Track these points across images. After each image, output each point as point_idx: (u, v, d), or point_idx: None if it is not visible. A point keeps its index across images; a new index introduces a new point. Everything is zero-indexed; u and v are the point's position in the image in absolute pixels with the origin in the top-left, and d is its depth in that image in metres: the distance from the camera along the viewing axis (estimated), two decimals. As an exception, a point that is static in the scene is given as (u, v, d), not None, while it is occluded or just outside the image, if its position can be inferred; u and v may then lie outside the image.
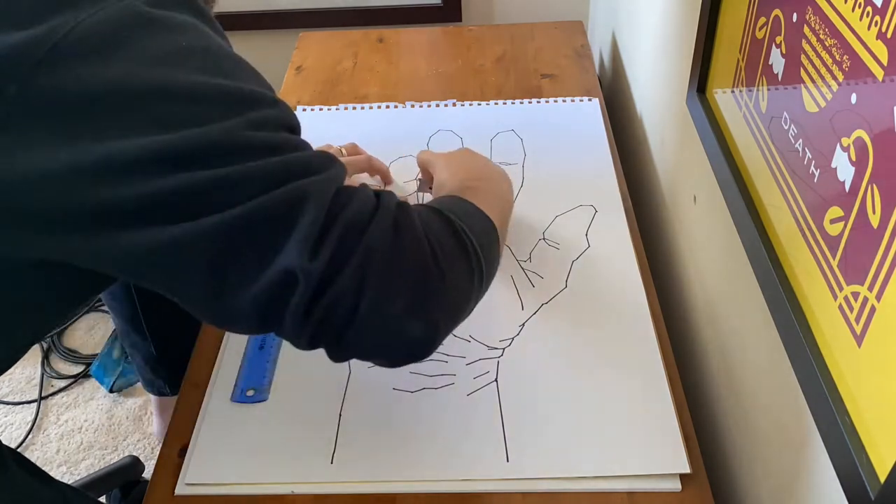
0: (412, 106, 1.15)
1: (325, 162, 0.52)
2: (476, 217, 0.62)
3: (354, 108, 1.14)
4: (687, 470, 0.65)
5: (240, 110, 0.49)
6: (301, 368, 0.76)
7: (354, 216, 0.49)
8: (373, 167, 0.96)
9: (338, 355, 0.53)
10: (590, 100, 1.13)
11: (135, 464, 1.22)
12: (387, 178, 0.98)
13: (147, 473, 1.24)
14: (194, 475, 0.67)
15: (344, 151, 0.97)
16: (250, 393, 0.74)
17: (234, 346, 0.79)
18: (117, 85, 0.46)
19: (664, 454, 0.66)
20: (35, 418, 1.40)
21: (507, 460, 0.67)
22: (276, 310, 0.49)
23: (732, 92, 0.66)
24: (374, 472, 0.67)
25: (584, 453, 0.67)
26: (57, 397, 1.44)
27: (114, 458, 1.33)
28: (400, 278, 0.50)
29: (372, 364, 0.58)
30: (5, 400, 1.44)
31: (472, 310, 0.59)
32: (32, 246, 0.49)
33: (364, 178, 0.96)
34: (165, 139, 0.46)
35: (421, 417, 0.71)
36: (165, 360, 1.18)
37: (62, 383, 1.47)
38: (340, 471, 0.67)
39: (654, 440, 0.67)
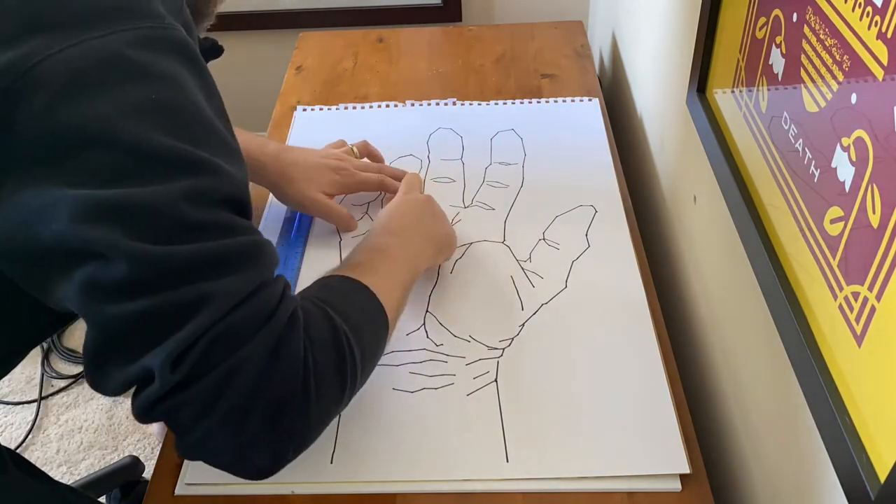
0: (412, 104, 1.15)
1: (244, 256, 0.49)
2: (370, 317, 0.62)
3: (354, 108, 1.14)
4: (687, 470, 0.65)
5: (187, 177, 0.47)
6: None
7: (236, 329, 0.47)
8: (386, 186, 0.93)
9: (183, 452, 0.51)
10: (590, 100, 1.13)
11: (135, 464, 1.23)
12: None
13: (147, 473, 1.24)
14: (194, 475, 0.67)
15: (356, 150, 0.97)
16: None
17: None
18: (73, 128, 0.44)
19: (664, 454, 0.66)
20: (35, 418, 1.40)
21: (507, 461, 0.67)
22: (134, 392, 0.49)
23: (732, 92, 0.66)
24: (374, 473, 0.67)
25: (585, 453, 0.67)
26: (57, 397, 1.44)
27: (114, 458, 1.33)
28: (260, 404, 0.48)
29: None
30: (5, 400, 1.44)
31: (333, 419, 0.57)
32: None
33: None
34: (105, 193, 0.45)
35: (421, 418, 0.71)
36: None
37: (62, 383, 1.47)
38: (340, 471, 0.67)
39: (655, 440, 0.67)
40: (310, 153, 0.92)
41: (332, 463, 0.67)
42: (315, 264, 0.87)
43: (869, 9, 0.41)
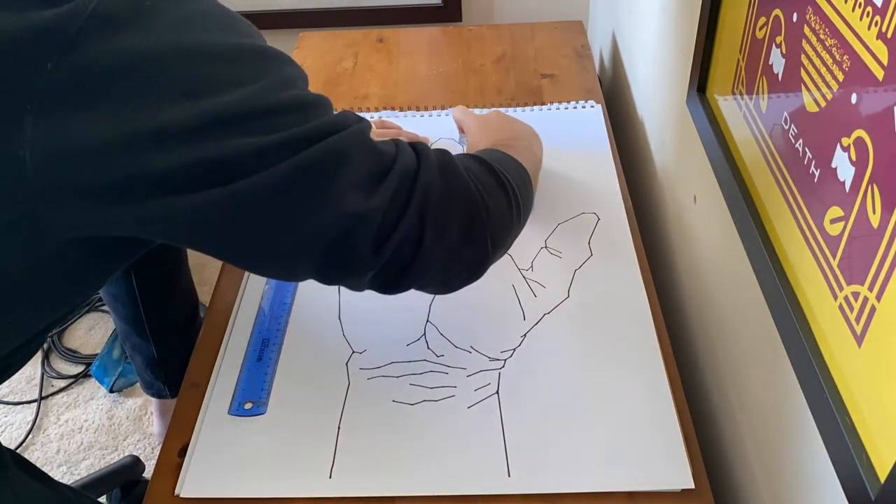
0: (414, 109, 1.15)
1: (352, 117, 0.56)
2: (510, 163, 0.69)
3: (355, 112, 1.14)
4: (690, 485, 0.64)
5: (269, 67, 0.51)
6: (299, 381, 0.75)
7: (404, 163, 0.56)
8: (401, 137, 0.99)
9: (396, 288, 0.59)
10: (592, 106, 1.12)
11: (135, 464, 1.22)
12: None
13: (147, 473, 1.24)
14: (190, 489, 0.67)
15: (373, 126, 0.99)
16: (248, 406, 0.73)
17: (232, 357, 0.78)
18: (153, 52, 0.46)
19: (667, 469, 0.65)
20: (35, 418, 1.40)
21: (509, 475, 0.66)
22: (341, 254, 0.54)
23: (733, 92, 0.66)
24: (373, 487, 0.66)
25: (587, 467, 0.66)
26: (57, 397, 1.44)
27: (114, 458, 1.33)
28: (453, 212, 0.58)
29: (375, 376, 0.65)
30: (5, 400, 1.44)
31: (514, 241, 0.68)
32: (80, 218, 0.49)
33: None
34: (209, 104, 0.47)
35: (421, 430, 0.70)
36: (166, 363, 1.18)
37: (62, 383, 1.47)
38: (339, 485, 0.66)
39: (658, 454, 0.67)
40: None
41: (330, 477, 0.67)
42: (311, 290, 0.86)
43: (869, 9, 0.41)
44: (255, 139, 0.48)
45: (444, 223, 0.57)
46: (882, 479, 0.41)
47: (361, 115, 1.12)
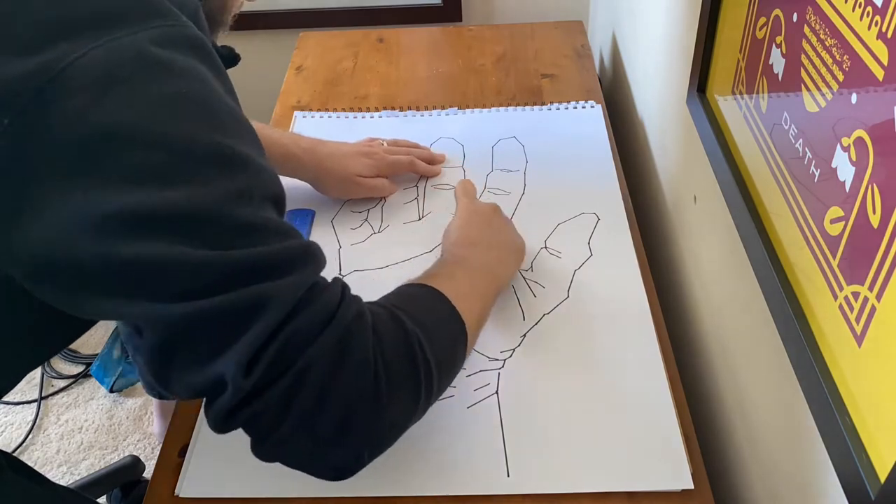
0: (414, 109, 1.15)
1: (299, 258, 0.50)
2: (445, 324, 0.61)
3: (355, 117, 1.14)
4: (690, 486, 0.64)
5: (230, 173, 0.47)
6: None
7: (301, 329, 0.48)
8: (416, 167, 0.99)
9: (260, 457, 0.52)
10: (592, 106, 1.12)
11: (135, 463, 1.23)
12: (432, 172, 1.01)
13: (147, 473, 1.24)
14: (189, 489, 0.67)
15: (385, 143, 1.01)
16: None
17: None
18: (108, 128, 0.43)
19: (667, 469, 0.65)
20: (35, 418, 1.40)
21: (508, 475, 0.66)
22: (206, 402, 0.49)
23: (733, 92, 0.66)
24: (372, 487, 0.66)
25: (587, 468, 0.66)
26: (57, 397, 1.44)
27: (114, 458, 1.33)
28: (331, 404, 0.49)
29: None
30: (5, 400, 1.44)
31: (410, 427, 0.57)
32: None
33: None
34: (155, 198, 0.44)
35: (420, 430, 0.69)
36: None
37: (62, 383, 1.47)
38: (338, 485, 0.65)
39: (658, 454, 0.66)
40: (342, 144, 0.96)
41: None
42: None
43: (869, 9, 0.41)
44: (187, 250, 0.44)
45: (314, 416, 0.48)
46: (882, 479, 0.41)
47: (363, 113, 1.13)
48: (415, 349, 0.54)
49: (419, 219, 0.94)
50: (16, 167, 0.43)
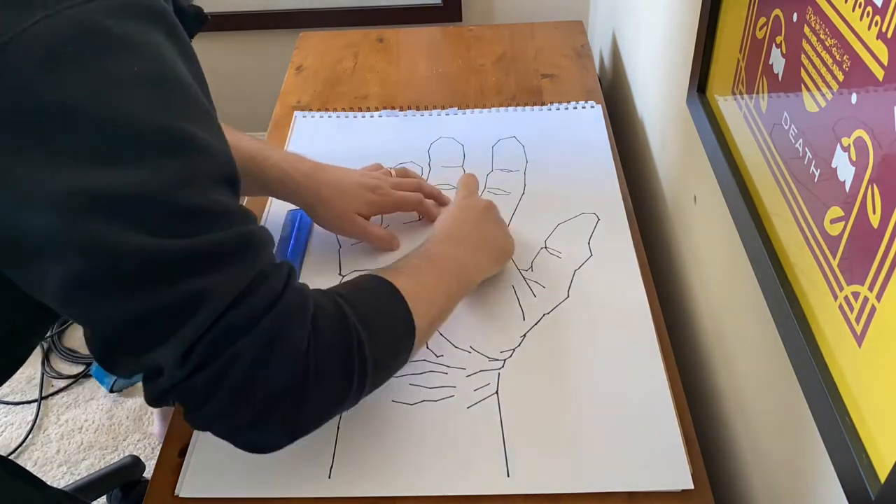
0: (414, 109, 1.15)
1: (241, 247, 0.50)
2: (392, 323, 0.61)
3: (355, 116, 1.14)
4: (689, 486, 0.64)
5: (177, 156, 0.47)
6: None
7: (237, 321, 0.49)
8: (423, 207, 0.91)
9: (190, 424, 0.54)
10: (592, 106, 1.12)
11: (136, 463, 1.23)
12: (434, 215, 0.92)
13: (147, 473, 1.24)
14: (189, 489, 0.66)
15: (393, 173, 0.94)
16: None
17: None
18: (55, 104, 0.43)
19: (667, 469, 0.65)
20: (35, 418, 1.40)
21: (508, 475, 0.66)
22: (143, 380, 0.52)
23: (733, 92, 0.66)
24: (373, 487, 0.66)
25: (587, 468, 0.66)
26: (57, 397, 1.44)
27: (114, 458, 1.33)
28: (256, 393, 0.50)
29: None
30: (5, 400, 1.44)
31: (334, 417, 0.59)
32: None
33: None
34: (96, 177, 0.43)
35: (420, 431, 0.70)
36: None
37: (62, 383, 1.47)
38: (338, 485, 0.66)
39: (658, 455, 0.66)
40: (345, 172, 0.89)
41: (329, 477, 0.66)
42: (314, 276, 0.87)
43: (869, 9, 0.41)
44: (124, 235, 0.44)
45: (235, 403, 0.50)
46: (882, 479, 0.41)
47: (363, 113, 1.13)
48: (352, 346, 0.55)
49: (419, 219, 0.93)
50: None
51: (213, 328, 0.48)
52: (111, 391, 1.42)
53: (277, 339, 0.50)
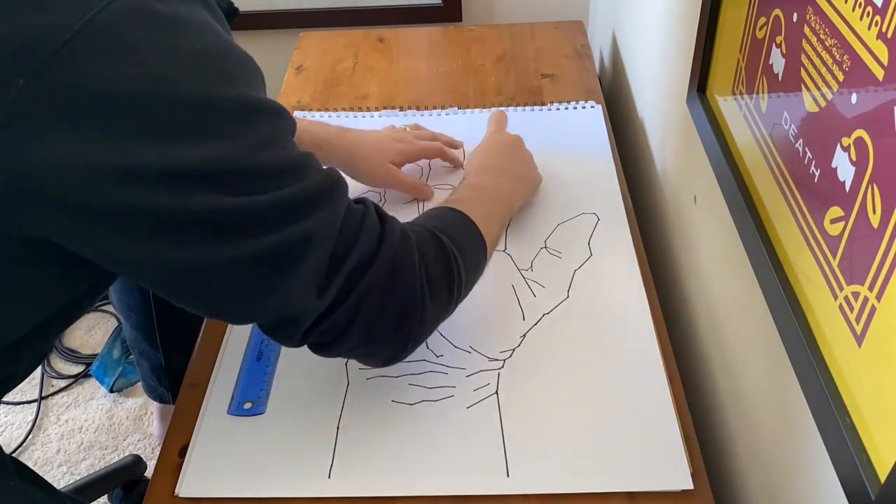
0: (413, 113, 1.15)
1: (330, 188, 0.55)
2: (473, 243, 0.69)
3: (355, 117, 1.14)
4: (689, 486, 0.64)
5: (251, 122, 0.50)
6: (299, 381, 0.75)
7: (359, 258, 0.56)
8: (445, 154, 0.99)
9: (318, 354, 0.62)
10: (592, 106, 1.12)
11: (137, 463, 1.22)
12: (458, 161, 1.01)
13: (148, 473, 1.24)
14: (189, 489, 0.67)
15: (408, 129, 1.01)
16: (247, 405, 0.73)
17: (231, 357, 0.78)
18: (133, 86, 0.44)
19: (667, 469, 0.65)
20: (35, 418, 1.40)
21: (508, 475, 0.66)
22: (274, 332, 0.58)
23: (733, 92, 0.66)
24: (372, 487, 0.66)
25: (587, 468, 0.66)
26: (57, 397, 1.44)
27: (114, 458, 1.33)
28: (387, 314, 0.59)
29: (374, 376, 0.70)
30: (5, 400, 1.44)
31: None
32: (36, 221, 0.48)
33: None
34: (182, 152, 0.46)
35: (420, 430, 0.70)
36: (173, 370, 1.17)
37: (62, 383, 1.47)
38: (338, 485, 0.66)
39: (657, 455, 0.66)
40: (369, 132, 0.95)
41: (329, 477, 0.66)
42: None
43: (869, 9, 0.41)
44: (224, 199, 0.48)
45: (375, 323, 0.58)
46: (882, 479, 0.41)
47: (363, 113, 1.13)
48: (452, 265, 0.64)
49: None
50: (39, 122, 0.43)
51: (339, 267, 0.55)
52: (111, 391, 1.42)
53: (397, 268, 0.58)
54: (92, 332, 1.57)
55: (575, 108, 1.12)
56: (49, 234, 0.49)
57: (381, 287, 0.57)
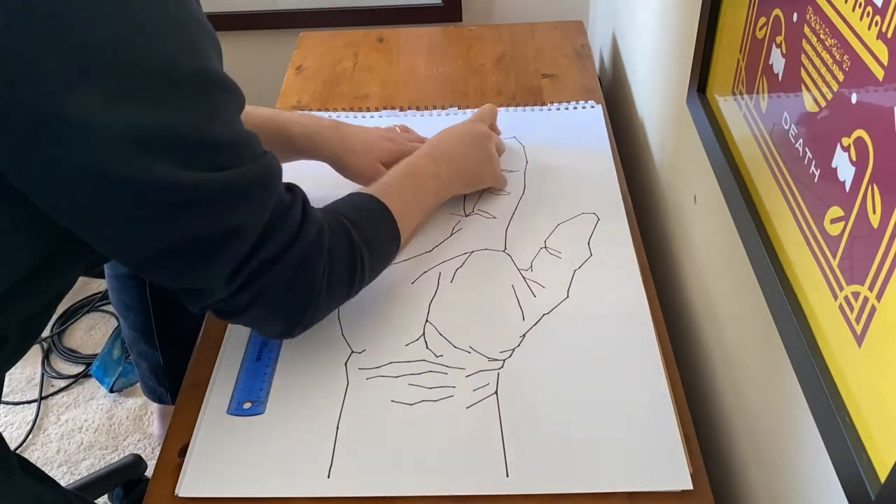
0: (414, 109, 1.15)
1: (265, 179, 0.58)
2: (385, 233, 0.75)
3: (355, 117, 1.14)
4: (689, 486, 0.64)
5: (207, 93, 0.52)
6: (298, 381, 0.75)
7: (270, 253, 0.60)
8: None
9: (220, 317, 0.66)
10: (592, 106, 1.12)
11: (137, 462, 1.22)
12: None
13: (147, 473, 1.24)
14: (189, 489, 0.66)
15: (397, 129, 1.01)
16: (247, 405, 0.73)
17: (231, 357, 0.78)
18: (100, 45, 0.46)
19: (667, 470, 0.65)
20: (35, 418, 1.40)
21: (507, 475, 0.66)
22: (178, 294, 0.63)
23: (733, 92, 0.66)
24: (372, 487, 0.66)
25: (587, 468, 0.66)
26: (57, 397, 1.44)
27: (114, 457, 1.33)
28: (284, 305, 0.64)
29: (373, 376, 0.73)
30: (5, 400, 1.44)
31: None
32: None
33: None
34: (137, 115, 0.48)
35: (419, 431, 0.70)
36: (171, 370, 1.17)
37: (62, 383, 1.47)
38: (338, 485, 0.66)
39: (657, 455, 0.66)
40: (362, 128, 0.96)
41: (329, 477, 0.66)
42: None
43: (869, 9, 0.41)
44: (161, 168, 0.50)
45: (271, 310, 0.64)
46: (882, 479, 0.41)
47: (363, 113, 1.13)
48: (357, 264, 0.68)
49: None
50: (17, 63, 0.45)
51: (252, 259, 0.59)
52: (111, 391, 1.42)
53: (303, 267, 0.62)
54: (92, 332, 1.57)
55: (575, 107, 1.12)
56: (4, 170, 0.50)
57: (284, 282, 0.62)
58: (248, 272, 0.59)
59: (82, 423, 1.39)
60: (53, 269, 0.62)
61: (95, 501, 1.23)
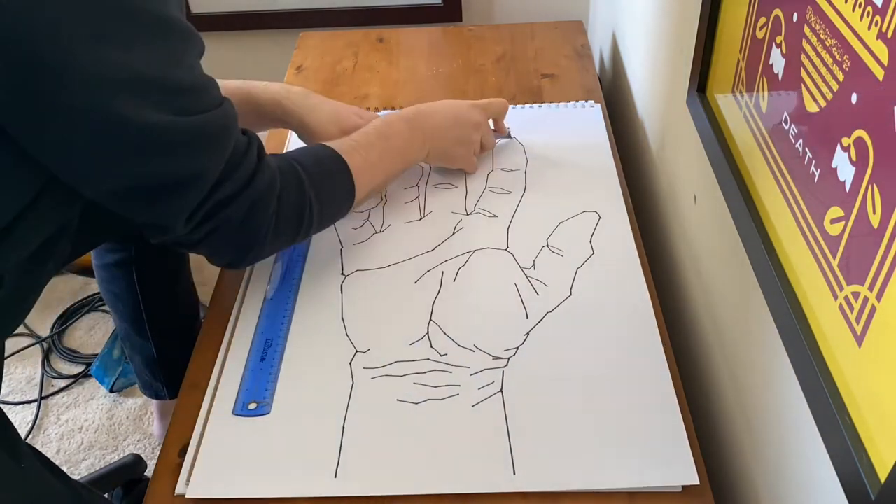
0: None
1: (226, 126, 0.63)
2: (339, 186, 0.78)
3: (355, 115, 1.14)
4: (696, 481, 0.64)
5: (171, 39, 0.56)
6: (303, 381, 0.75)
7: (225, 194, 0.65)
8: None
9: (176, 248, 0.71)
10: (592, 105, 1.12)
11: (137, 462, 1.22)
12: None
13: (148, 473, 1.24)
14: (192, 489, 0.66)
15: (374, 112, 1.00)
16: (252, 406, 0.73)
17: (236, 358, 0.78)
18: None
19: (673, 466, 0.65)
20: (35, 418, 1.40)
21: (514, 473, 0.66)
22: (148, 232, 0.67)
23: (733, 92, 0.66)
24: (378, 486, 0.66)
25: (592, 465, 0.66)
26: (57, 397, 1.44)
27: (114, 458, 1.33)
28: (232, 242, 0.70)
29: (378, 375, 0.75)
30: (5, 400, 1.44)
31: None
32: None
33: None
34: (117, 57, 0.51)
35: (425, 430, 0.70)
36: (166, 363, 1.18)
37: (62, 383, 1.47)
38: (344, 484, 0.66)
39: (663, 452, 0.66)
40: (332, 100, 0.96)
41: (335, 477, 0.66)
42: (317, 276, 0.87)
43: (869, 9, 0.41)
44: (121, 110, 0.53)
45: (220, 246, 0.70)
46: (882, 479, 0.41)
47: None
48: (305, 213, 0.73)
49: (420, 218, 0.94)
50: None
51: (209, 199, 0.64)
52: (111, 391, 1.42)
53: (253, 208, 0.67)
54: (92, 332, 1.57)
55: (575, 107, 1.12)
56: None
57: (236, 222, 0.67)
58: (205, 211, 0.64)
59: (82, 423, 1.39)
60: (40, 210, 0.64)
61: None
